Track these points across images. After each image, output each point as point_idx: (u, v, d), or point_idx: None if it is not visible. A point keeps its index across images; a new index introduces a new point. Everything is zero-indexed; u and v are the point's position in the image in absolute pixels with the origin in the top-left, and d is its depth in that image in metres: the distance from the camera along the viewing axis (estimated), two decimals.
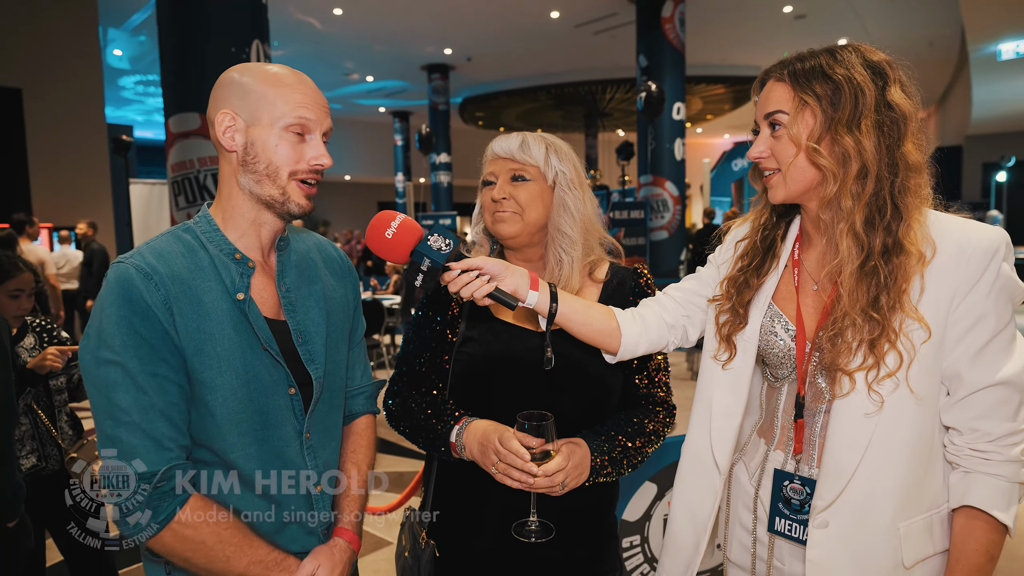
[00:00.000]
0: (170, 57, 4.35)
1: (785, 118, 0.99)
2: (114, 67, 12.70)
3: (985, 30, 9.60)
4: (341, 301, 1.20)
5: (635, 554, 1.95)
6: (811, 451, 1.06)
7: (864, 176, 0.96)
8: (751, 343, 1.10)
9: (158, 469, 0.94)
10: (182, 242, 1.04)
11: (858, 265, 0.96)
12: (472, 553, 1.26)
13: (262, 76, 1.03)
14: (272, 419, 1.05)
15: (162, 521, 0.95)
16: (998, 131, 15.31)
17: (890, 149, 0.96)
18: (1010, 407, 0.95)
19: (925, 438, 0.97)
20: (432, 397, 1.30)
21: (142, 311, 0.94)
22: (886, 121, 0.95)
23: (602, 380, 1.26)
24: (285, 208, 1.05)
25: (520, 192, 1.25)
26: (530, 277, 1.12)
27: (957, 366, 0.95)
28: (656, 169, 9.67)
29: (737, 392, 1.11)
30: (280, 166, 1.03)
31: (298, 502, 1.09)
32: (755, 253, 1.13)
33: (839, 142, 0.96)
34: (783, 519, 1.07)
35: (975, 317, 0.94)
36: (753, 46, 12.98)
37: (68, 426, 2.19)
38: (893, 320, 0.95)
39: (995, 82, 11.64)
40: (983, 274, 0.93)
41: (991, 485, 0.95)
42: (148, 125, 17.38)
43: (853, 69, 0.96)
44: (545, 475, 1.10)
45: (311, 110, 1.03)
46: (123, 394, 0.93)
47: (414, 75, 14.58)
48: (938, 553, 1.00)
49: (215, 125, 1.03)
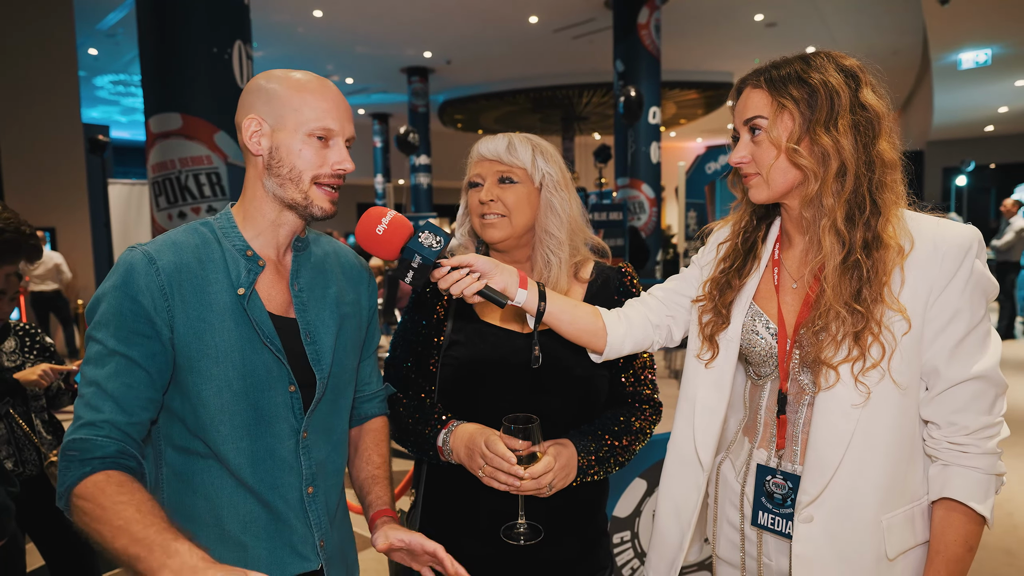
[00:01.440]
0: (150, 57, 4.28)
1: (764, 123, 1.01)
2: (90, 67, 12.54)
3: (947, 40, 9.93)
4: (355, 307, 1.20)
5: (626, 549, 1.98)
6: (793, 446, 1.08)
7: (843, 174, 0.98)
8: (733, 342, 1.11)
9: (75, 436, 0.94)
10: (199, 234, 1.06)
11: (841, 260, 0.98)
12: (463, 555, 1.24)
13: (287, 83, 1.05)
14: (266, 415, 1.04)
15: (66, 488, 0.93)
16: (958, 137, 15.80)
17: (866, 147, 0.98)
18: (986, 401, 0.97)
19: (906, 431, 0.99)
20: (420, 401, 1.30)
21: (132, 293, 0.96)
22: (861, 121, 0.98)
23: (589, 381, 1.26)
24: (308, 211, 1.07)
25: (508, 194, 1.24)
26: (519, 276, 1.13)
27: (935, 362, 0.97)
28: (633, 172, 9.86)
29: (720, 390, 1.13)
30: (303, 170, 1.04)
31: (289, 503, 1.07)
32: (736, 255, 1.15)
33: (818, 142, 0.98)
34: (766, 513, 1.09)
35: (951, 313, 0.96)
36: (725, 53, 13.25)
37: (47, 431, 2.12)
38: (876, 312, 0.96)
39: (955, 90, 11.97)
40: (957, 271, 0.95)
41: (969, 477, 0.96)
42: (124, 126, 17.14)
43: (827, 73, 0.99)
44: (532, 477, 1.09)
45: (335, 117, 1.06)
46: (93, 367, 0.96)
47: (394, 77, 14.61)
48: (919, 544, 1.02)
49: (242, 129, 1.05)
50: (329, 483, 1.14)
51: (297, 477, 1.07)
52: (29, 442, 2.05)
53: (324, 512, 1.11)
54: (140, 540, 0.88)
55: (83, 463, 0.94)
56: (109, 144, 9.36)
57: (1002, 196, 10.34)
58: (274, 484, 1.05)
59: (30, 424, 2.07)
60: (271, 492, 1.05)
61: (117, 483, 0.94)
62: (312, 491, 1.09)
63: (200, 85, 4.23)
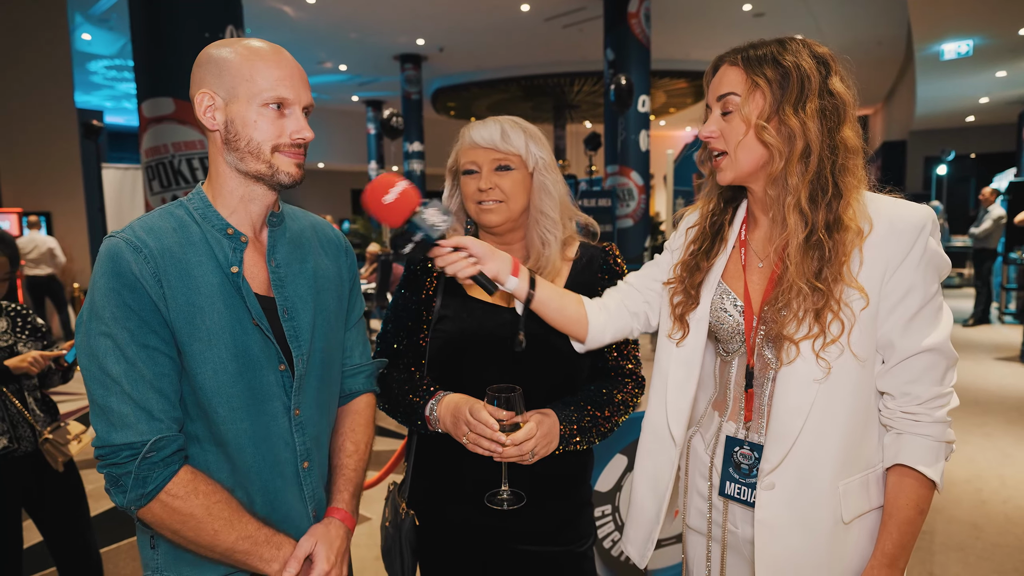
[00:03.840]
0: (142, 42, 4.26)
1: (737, 99, 1.04)
2: (83, 52, 12.54)
3: (930, 31, 10.03)
4: (335, 280, 1.18)
5: (607, 522, 2.06)
6: (760, 419, 1.11)
7: (808, 155, 1.01)
8: (702, 321, 1.15)
9: (147, 439, 0.93)
10: (174, 217, 1.03)
11: (803, 238, 1.01)
12: (449, 521, 1.31)
13: (238, 51, 1.00)
14: (261, 394, 1.03)
15: (150, 492, 0.93)
16: (940, 127, 15.96)
17: (831, 132, 1.01)
18: (937, 372, 1.01)
19: (862, 402, 1.03)
20: (409, 374, 1.33)
21: (131, 284, 0.94)
22: (828, 106, 1.01)
23: (571, 356, 1.29)
24: (275, 179, 1.04)
25: (504, 181, 1.27)
26: (512, 263, 1.16)
27: (890, 335, 1.01)
28: (623, 159, 10.00)
29: (690, 367, 1.16)
30: (261, 142, 1.01)
31: (286, 479, 1.07)
32: (704, 238, 1.18)
33: (786, 123, 1.01)
34: (732, 483, 1.14)
35: (905, 289, 0.99)
36: (714, 42, 13.31)
37: (40, 408, 2.15)
38: (836, 290, 1.00)
39: (938, 80, 12.05)
40: (911, 249, 0.99)
41: (920, 444, 1.01)
42: (118, 111, 17.11)
43: (800, 57, 1.02)
44: (514, 444, 1.12)
45: (288, 86, 1.01)
46: (113, 364, 0.93)
47: (387, 65, 14.65)
48: (874, 509, 1.06)
49: (196, 105, 1.01)
50: (323, 454, 1.16)
51: (292, 453, 1.08)
52: (23, 419, 2.07)
53: (319, 483, 1.13)
54: (248, 536, 0.98)
55: (166, 463, 0.95)
56: (103, 129, 9.40)
57: (981, 185, 10.50)
58: (274, 462, 1.05)
59: (23, 402, 2.09)
60: (270, 470, 1.05)
61: (202, 479, 0.98)
62: (307, 466, 1.10)
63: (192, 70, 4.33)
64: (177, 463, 0.97)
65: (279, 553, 1.02)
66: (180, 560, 1.03)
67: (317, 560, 1.05)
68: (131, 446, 0.93)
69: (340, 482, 1.16)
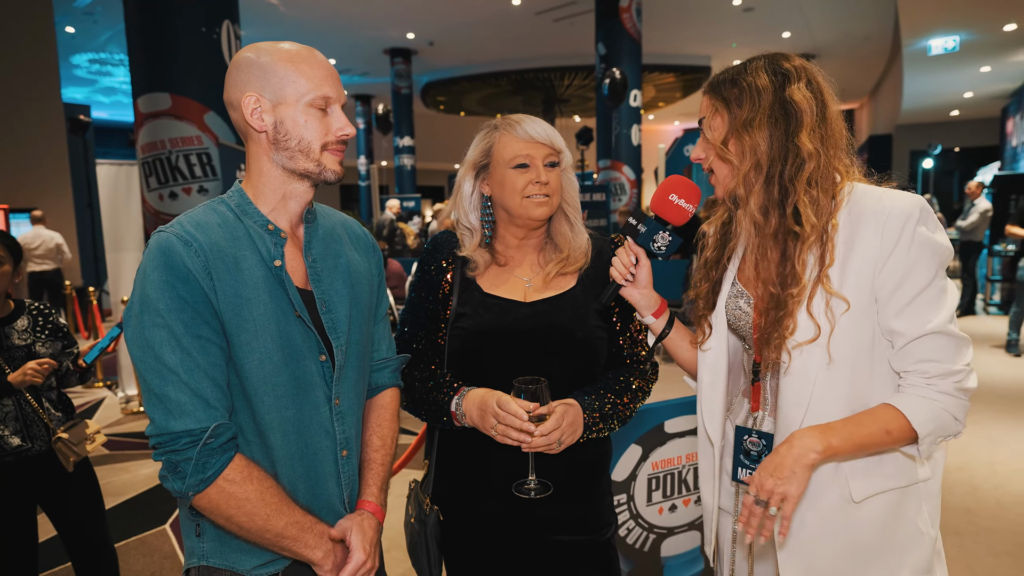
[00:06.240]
0: (138, 36, 4.21)
1: (705, 124, 1.13)
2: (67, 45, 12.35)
3: (917, 27, 10.16)
4: (365, 275, 1.22)
5: (622, 511, 2.08)
6: (764, 410, 1.17)
7: (759, 168, 1.06)
8: (721, 321, 1.20)
9: (207, 426, 0.95)
10: (218, 214, 1.07)
11: (757, 245, 1.08)
12: (476, 514, 1.34)
13: (279, 55, 1.04)
14: (304, 383, 1.06)
15: (209, 478, 0.96)
16: (926, 121, 16.23)
17: (786, 140, 1.05)
18: (948, 351, 1.01)
19: (857, 392, 1.06)
20: (431, 372, 1.36)
21: (183, 276, 0.97)
22: (780, 117, 1.05)
23: (589, 343, 1.32)
24: (322, 177, 1.09)
25: (553, 176, 1.33)
26: (660, 304, 1.26)
27: (889, 322, 1.03)
28: (615, 154, 10.04)
29: (716, 370, 1.20)
30: (311, 140, 1.05)
31: (326, 467, 1.11)
32: (716, 245, 1.25)
33: (740, 140, 1.07)
34: (744, 469, 1.19)
35: (899, 276, 1.01)
36: (703, 37, 13.42)
37: (55, 407, 2.14)
38: (802, 294, 1.04)
39: (924, 75, 12.22)
40: (899, 238, 1.00)
41: (922, 402, 1.01)
42: (103, 106, 16.88)
43: (756, 75, 1.06)
44: (542, 434, 1.16)
45: (331, 85, 1.06)
46: (170, 353, 0.95)
47: (377, 59, 14.58)
48: (889, 490, 1.08)
49: (241, 108, 1.04)
50: (359, 444, 1.19)
51: (332, 441, 1.11)
52: (37, 418, 2.07)
53: (355, 472, 1.17)
54: (296, 522, 1.02)
55: (223, 448, 0.98)
56: (91, 124, 9.27)
57: (965, 179, 10.66)
58: (316, 450, 1.09)
59: (38, 402, 2.09)
60: (312, 458, 1.09)
61: (255, 466, 1.01)
62: (346, 454, 1.14)
63: (189, 65, 4.20)
64: (233, 449, 1.00)
65: (322, 541, 1.06)
66: (226, 547, 1.06)
67: (354, 550, 1.08)
68: (190, 433, 0.95)
69: (369, 476, 1.19)
